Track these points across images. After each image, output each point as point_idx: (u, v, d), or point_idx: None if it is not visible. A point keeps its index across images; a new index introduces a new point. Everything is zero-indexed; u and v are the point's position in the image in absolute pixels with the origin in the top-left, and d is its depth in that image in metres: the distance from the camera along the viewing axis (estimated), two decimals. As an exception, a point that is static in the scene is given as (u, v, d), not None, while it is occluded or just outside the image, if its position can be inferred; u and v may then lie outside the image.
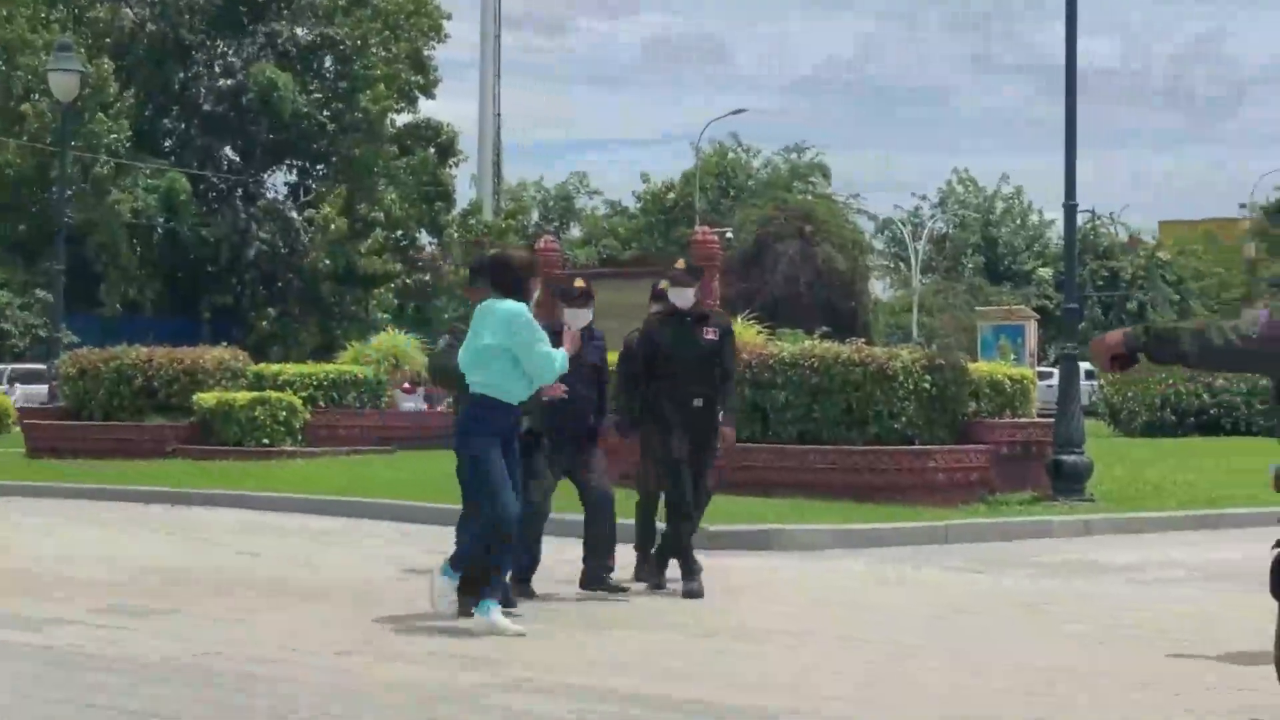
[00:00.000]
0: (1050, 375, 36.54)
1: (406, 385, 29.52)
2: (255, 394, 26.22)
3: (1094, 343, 6.77)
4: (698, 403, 12.84)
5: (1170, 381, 32.75)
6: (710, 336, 12.95)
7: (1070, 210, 20.20)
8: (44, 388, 44.32)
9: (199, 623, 11.40)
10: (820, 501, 17.67)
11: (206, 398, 26.26)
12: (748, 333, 21.80)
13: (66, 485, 23.22)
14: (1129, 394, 33.12)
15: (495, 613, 10.71)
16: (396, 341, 29.81)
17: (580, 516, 12.83)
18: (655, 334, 12.95)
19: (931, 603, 12.47)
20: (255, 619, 11.54)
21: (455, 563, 11.02)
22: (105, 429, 27.18)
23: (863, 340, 21.09)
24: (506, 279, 10.99)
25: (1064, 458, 19.03)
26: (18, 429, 34.11)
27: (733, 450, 14.40)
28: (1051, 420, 19.72)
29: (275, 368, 28.48)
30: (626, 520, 12.94)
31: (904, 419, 18.55)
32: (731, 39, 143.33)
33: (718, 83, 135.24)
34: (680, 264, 13.38)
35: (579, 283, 13.33)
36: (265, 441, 25.73)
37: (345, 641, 10.50)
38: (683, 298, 12.96)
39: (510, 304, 10.82)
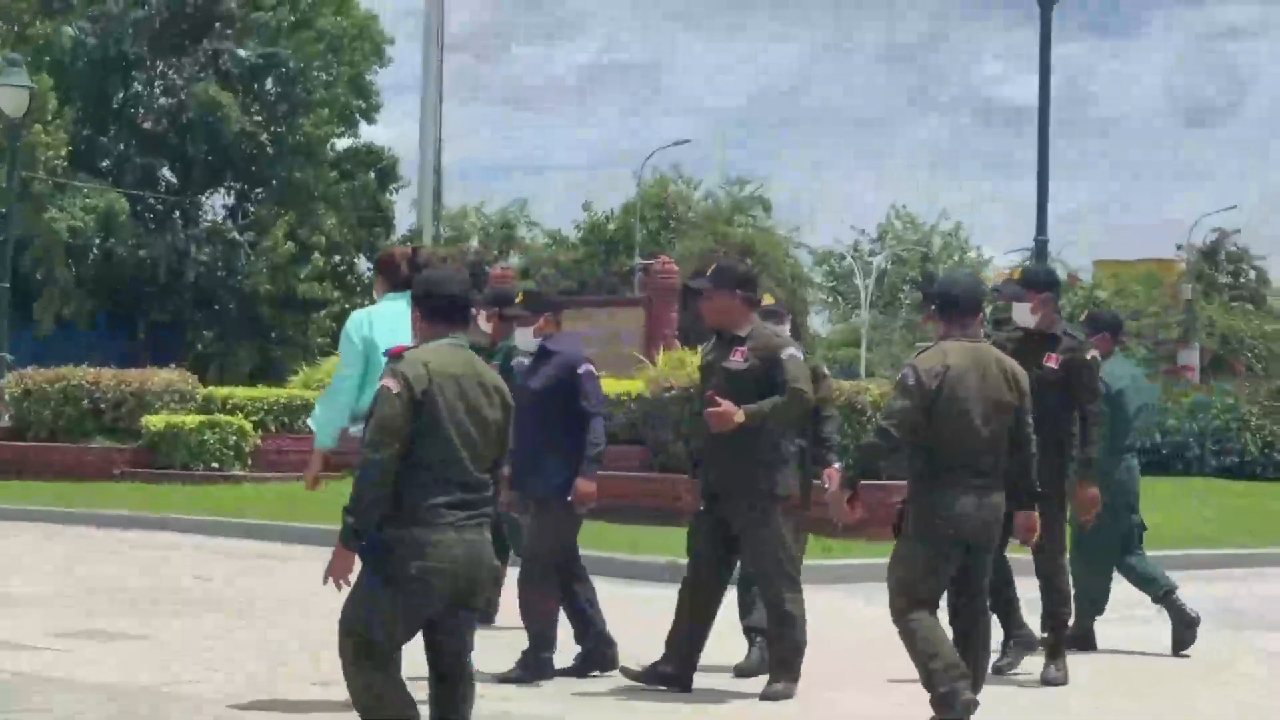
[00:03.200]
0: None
1: None
2: (205, 417, 25.92)
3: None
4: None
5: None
6: (1050, 365, 10.56)
7: (1041, 245, 20.23)
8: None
9: (161, 647, 11.19)
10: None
11: (155, 420, 25.91)
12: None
13: (10, 507, 22.87)
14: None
15: None
16: (346, 367, 29.40)
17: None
18: None
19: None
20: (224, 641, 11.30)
21: None
22: (51, 450, 26.78)
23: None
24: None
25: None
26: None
27: None
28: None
29: (225, 391, 28.15)
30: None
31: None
32: (667, 67, 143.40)
33: (652, 112, 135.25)
34: (1017, 274, 11.71)
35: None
36: (215, 465, 25.40)
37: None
38: (1024, 315, 10.80)
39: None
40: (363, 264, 57.66)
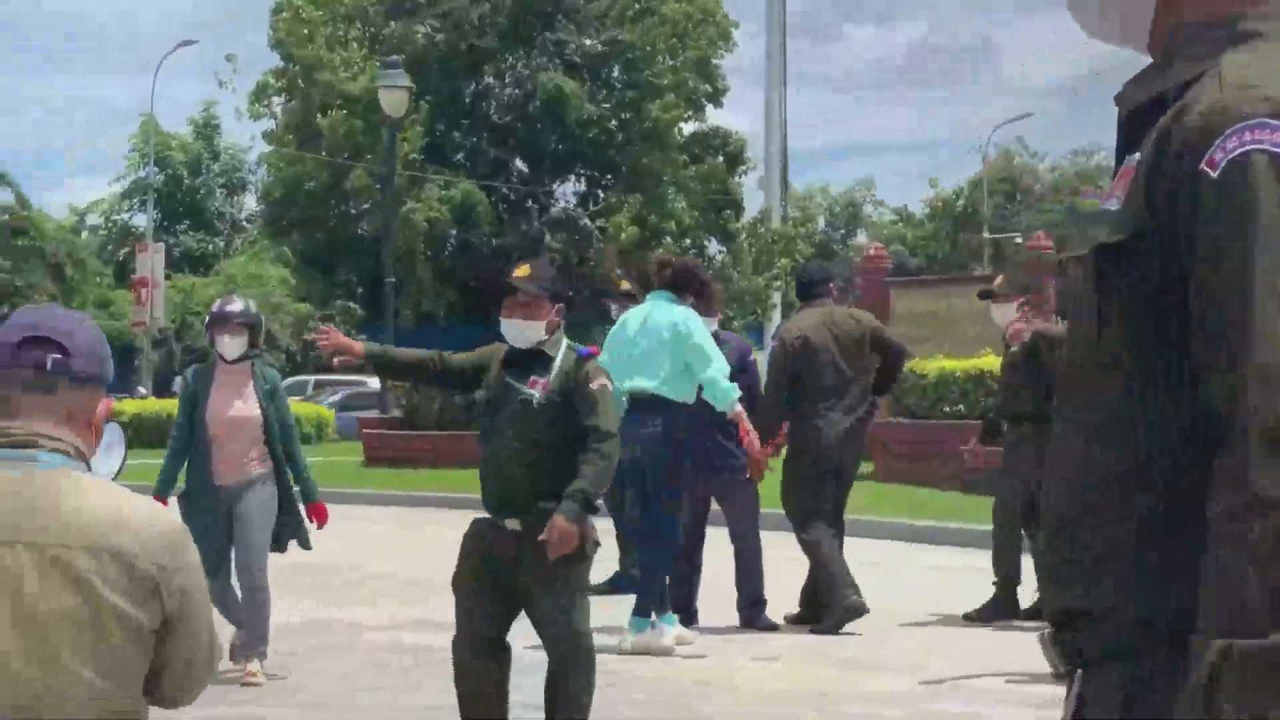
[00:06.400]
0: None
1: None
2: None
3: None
4: None
5: None
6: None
7: None
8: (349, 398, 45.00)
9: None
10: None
11: (547, 407, 26.24)
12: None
13: (406, 494, 23.37)
14: None
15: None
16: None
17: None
18: None
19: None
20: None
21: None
22: (440, 439, 27.29)
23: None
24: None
25: None
26: (336, 438, 34.74)
27: None
28: None
29: (612, 376, 28.43)
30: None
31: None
32: (996, 42, 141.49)
33: (984, 87, 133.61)
34: None
35: (625, 284, 13.72)
36: (604, 449, 25.65)
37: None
38: None
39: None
40: (714, 247, 57.87)
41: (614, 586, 13.19)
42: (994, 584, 11.70)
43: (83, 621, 3.00)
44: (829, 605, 11.28)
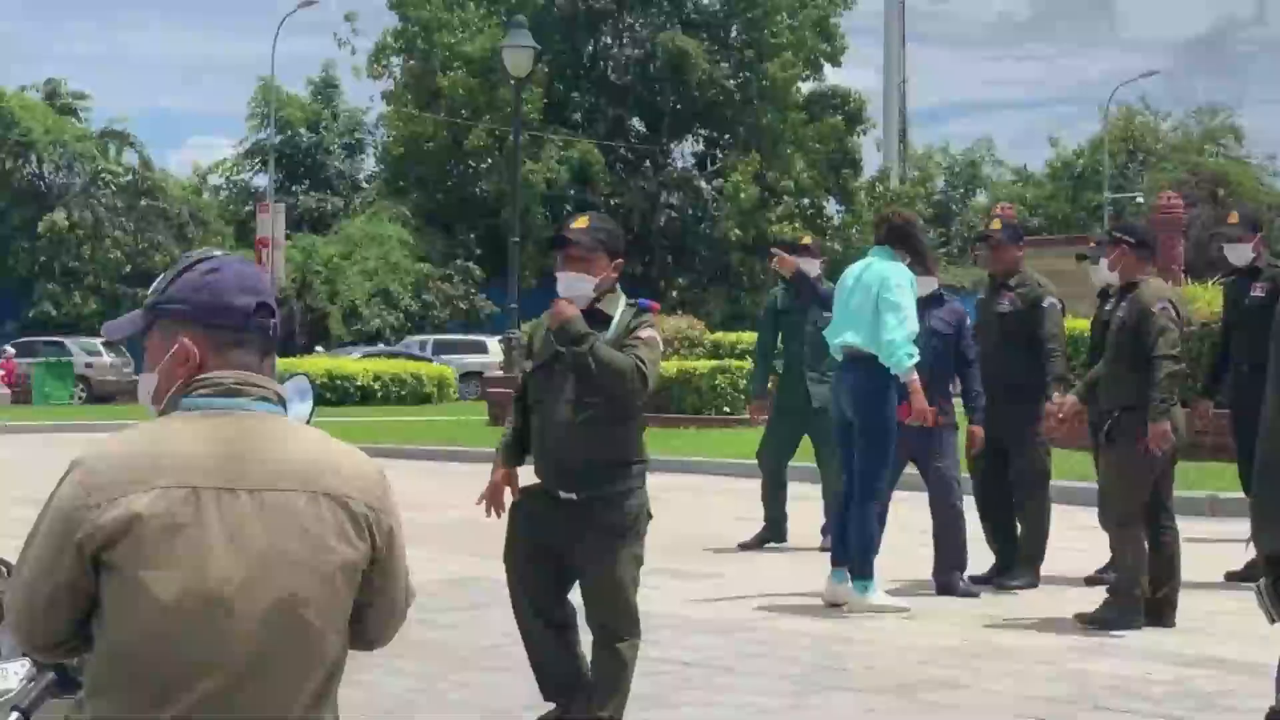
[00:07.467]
0: None
1: None
2: (716, 363, 26.21)
3: None
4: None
5: None
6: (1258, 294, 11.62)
7: None
8: (466, 359, 45.23)
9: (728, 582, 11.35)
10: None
11: (666, 366, 26.29)
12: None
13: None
14: None
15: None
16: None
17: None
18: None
19: None
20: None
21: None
22: (565, 398, 27.34)
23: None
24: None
25: None
26: (456, 398, 34.95)
27: None
28: None
29: (733, 336, 28.44)
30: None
31: None
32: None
33: (1104, 43, 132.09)
34: (1233, 218, 12.21)
35: (806, 239, 13.42)
36: (726, 410, 25.67)
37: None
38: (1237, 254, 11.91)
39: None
40: (832, 206, 57.68)
41: (768, 539, 13.42)
42: None
43: (303, 564, 3.04)
44: (1025, 565, 11.40)
